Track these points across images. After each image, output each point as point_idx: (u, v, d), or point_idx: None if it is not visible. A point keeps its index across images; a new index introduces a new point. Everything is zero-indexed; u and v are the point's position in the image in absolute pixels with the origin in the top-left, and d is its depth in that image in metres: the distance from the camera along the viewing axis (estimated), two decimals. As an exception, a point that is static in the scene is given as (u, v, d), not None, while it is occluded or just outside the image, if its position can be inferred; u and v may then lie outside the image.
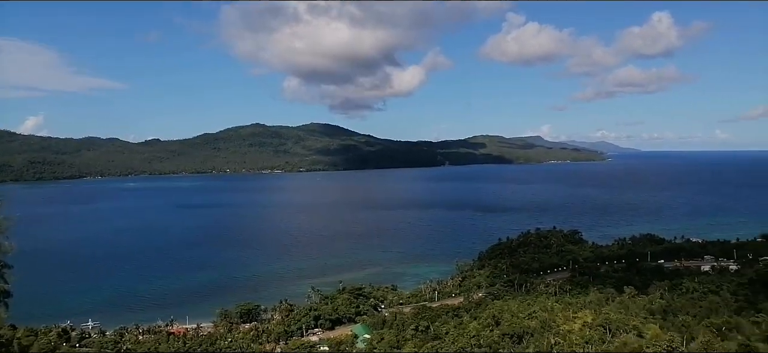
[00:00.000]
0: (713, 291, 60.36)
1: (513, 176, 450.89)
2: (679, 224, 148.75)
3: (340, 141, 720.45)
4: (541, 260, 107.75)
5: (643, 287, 73.18)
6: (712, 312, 45.95)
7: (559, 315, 51.68)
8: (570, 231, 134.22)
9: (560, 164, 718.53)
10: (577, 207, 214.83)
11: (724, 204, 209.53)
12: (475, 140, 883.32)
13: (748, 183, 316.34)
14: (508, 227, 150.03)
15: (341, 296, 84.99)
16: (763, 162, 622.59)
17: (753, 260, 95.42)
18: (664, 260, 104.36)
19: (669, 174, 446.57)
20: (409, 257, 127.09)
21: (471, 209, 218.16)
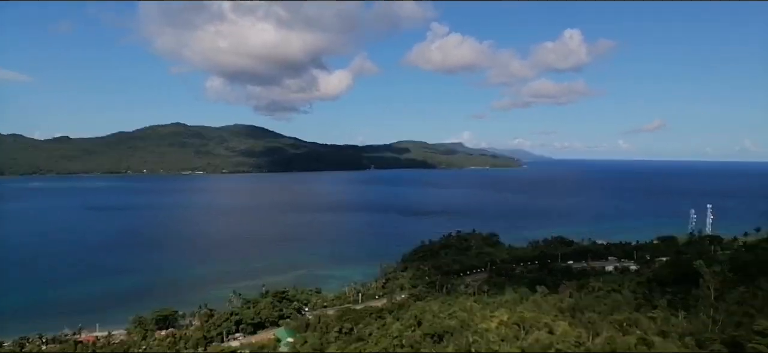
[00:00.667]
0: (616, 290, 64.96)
1: (436, 181, 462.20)
2: (586, 228, 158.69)
3: (266, 143, 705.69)
4: (461, 262, 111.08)
5: (554, 286, 77.30)
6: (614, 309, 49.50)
7: (477, 315, 53.71)
8: (488, 234, 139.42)
9: (480, 169, 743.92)
10: (495, 211, 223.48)
11: (625, 209, 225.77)
12: (400, 145, 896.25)
13: (646, 190, 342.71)
14: (431, 230, 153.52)
15: (264, 300, 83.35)
16: (659, 171, 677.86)
17: (650, 260, 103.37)
18: (573, 261, 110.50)
19: (577, 181, 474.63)
20: (333, 260, 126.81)
21: (395, 212, 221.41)
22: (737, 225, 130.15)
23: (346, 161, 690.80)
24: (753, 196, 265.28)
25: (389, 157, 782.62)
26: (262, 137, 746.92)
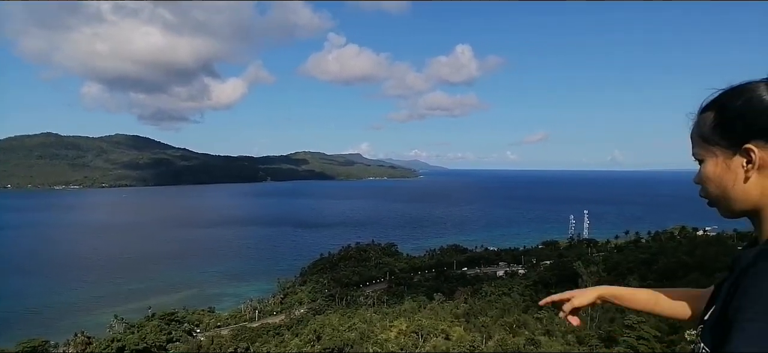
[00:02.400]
0: (506, 293, 68.29)
1: (334, 192, 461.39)
2: (479, 235, 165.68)
3: (151, 154, 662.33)
4: (360, 273, 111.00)
5: (450, 293, 79.34)
6: (505, 312, 51.88)
7: (377, 325, 53.77)
8: (387, 244, 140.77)
9: (378, 180, 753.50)
10: (393, 221, 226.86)
11: (514, 216, 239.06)
12: (297, 155, 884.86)
13: (531, 198, 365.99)
14: (330, 241, 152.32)
15: (150, 323, 77.28)
16: (542, 180, 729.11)
17: (536, 264, 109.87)
18: (467, 268, 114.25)
19: (471, 190, 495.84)
20: (227, 277, 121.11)
21: (293, 225, 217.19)
22: (610, 229, 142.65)
23: (241, 173, 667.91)
24: (623, 202, 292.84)
25: (287, 168, 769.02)
26: (147, 147, 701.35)
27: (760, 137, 1.16)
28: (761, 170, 1.18)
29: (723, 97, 1.24)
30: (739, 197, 1.23)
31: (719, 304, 1.18)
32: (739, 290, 1.07)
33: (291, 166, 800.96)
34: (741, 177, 1.21)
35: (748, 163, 1.19)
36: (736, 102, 1.19)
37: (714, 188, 1.27)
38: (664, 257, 69.75)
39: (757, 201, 1.21)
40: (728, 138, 1.21)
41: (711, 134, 1.24)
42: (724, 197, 1.26)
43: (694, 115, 1.32)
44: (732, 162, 1.21)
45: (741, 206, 1.24)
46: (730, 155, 1.21)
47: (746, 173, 1.20)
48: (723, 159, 1.23)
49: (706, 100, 1.29)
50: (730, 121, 1.20)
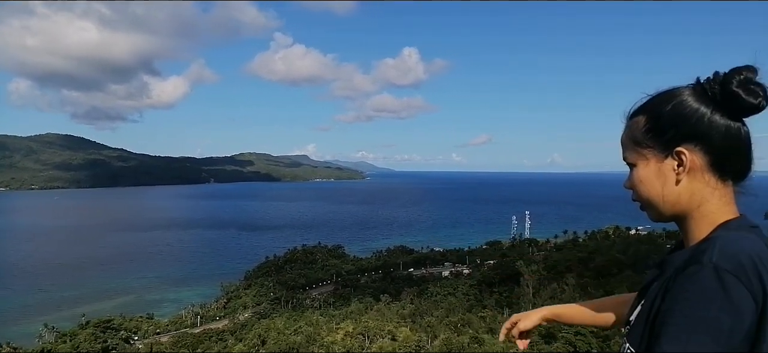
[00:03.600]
0: (451, 293, 69.40)
1: (280, 194, 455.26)
2: (425, 236, 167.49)
3: (86, 155, 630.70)
4: (307, 275, 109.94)
5: (397, 294, 79.78)
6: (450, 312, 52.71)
7: (323, 328, 53.42)
8: (334, 246, 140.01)
9: (325, 182, 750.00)
10: (340, 223, 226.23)
11: (459, 217, 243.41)
12: (243, 157, 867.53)
13: (476, 199, 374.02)
14: (276, 244, 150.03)
15: (84, 331, 73.51)
16: (486, 182, 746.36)
17: (480, 264, 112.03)
18: (413, 269, 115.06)
19: (417, 192, 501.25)
20: (167, 282, 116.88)
21: (237, 227, 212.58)
22: (550, 229, 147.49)
23: (183, 175, 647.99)
24: (561, 203, 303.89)
25: (231, 170, 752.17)
26: (81, 148, 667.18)
27: (689, 140, 1.18)
28: (691, 174, 1.20)
29: (653, 102, 1.26)
30: (669, 201, 1.24)
31: (647, 305, 1.19)
32: (669, 293, 1.09)
33: (236, 167, 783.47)
34: (672, 180, 1.22)
35: (679, 166, 1.20)
36: (667, 107, 1.21)
37: (645, 192, 1.28)
38: (600, 255, 72.90)
39: (686, 205, 1.23)
40: (660, 142, 1.22)
41: (643, 138, 1.25)
42: (656, 201, 1.27)
43: (625, 118, 1.34)
44: (663, 165, 1.23)
45: (671, 210, 1.26)
46: (662, 158, 1.23)
47: (677, 176, 1.21)
48: (654, 163, 1.25)
49: (634, 105, 1.31)
50: (662, 125, 1.21)
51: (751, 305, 0.98)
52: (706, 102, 1.16)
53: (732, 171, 1.21)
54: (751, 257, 1.03)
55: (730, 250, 1.05)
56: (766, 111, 1.13)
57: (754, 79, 1.13)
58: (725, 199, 1.21)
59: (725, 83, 1.14)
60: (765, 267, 1.03)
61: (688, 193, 1.21)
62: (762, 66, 1.14)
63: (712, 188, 1.20)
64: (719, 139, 1.15)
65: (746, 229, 1.16)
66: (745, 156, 1.20)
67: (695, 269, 1.04)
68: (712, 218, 1.20)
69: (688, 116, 1.17)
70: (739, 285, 0.99)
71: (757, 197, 1.24)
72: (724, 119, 1.15)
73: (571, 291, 50.01)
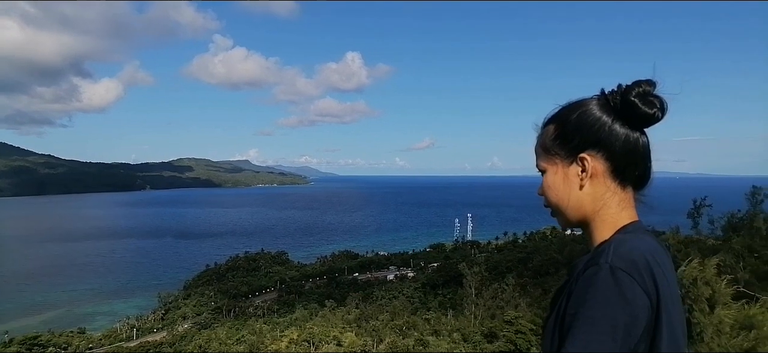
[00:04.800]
0: (396, 297, 70.03)
1: (221, 200, 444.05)
2: (370, 240, 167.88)
3: (8, 161, 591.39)
4: (250, 283, 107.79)
5: (342, 299, 79.53)
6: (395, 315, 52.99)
7: (267, 336, 52.37)
8: (277, 252, 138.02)
9: (268, 187, 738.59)
10: (283, 229, 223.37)
11: (403, 221, 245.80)
12: (181, 162, 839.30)
13: (419, 203, 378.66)
14: (217, 252, 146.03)
15: (7, 350, 68.83)
16: (430, 185, 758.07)
17: (424, 267, 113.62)
18: (358, 274, 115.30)
19: (361, 196, 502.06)
20: (100, 295, 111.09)
21: (175, 236, 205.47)
22: (491, 231, 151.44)
23: (117, 182, 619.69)
24: (502, 205, 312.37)
25: (169, 176, 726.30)
26: (3, 154, 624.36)
27: (592, 147, 1.25)
28: (593, 179, 1.27)
29: (562, 111, 1.33)
30: (574, 206, 1.30)
31: (555, 310, 1.24)
32: (572, 296, 1.13)
33: (174, 173, 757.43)
34: (577, 185, 1.29)
35: (583, 171, 1.27)
36: (573, 116, 1.28)
37: (554, 197, 1.34)
38: (538, 255, 75.65)
39: (589, 210, 1.29)
40: (566, 148, 1.30)
41: (552, 145, 1.33)
42: (563, 206, 1.33)
43: (538, 128, 1.41)
44: (569, 171, 1.30)
45: (576, 214, 1.31)
46: (568, 164, 1.30)
47: (581, 181, 1.28)
48: (562, 169, 1.31)
49: (548, 114, 1.38)
50: (568, 133, 1.28)
51: (645, 302, 1.04)
52: (609, 112, 1.24)
53: (632, 178, 1.27)
54: (644, 257, 1.09)
55: (624, 250, 1.11)
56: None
57: (651, 91, 1.21)
58: (624, 204, 1.27)
59: (625, 94, 1.22)
60: (658, 265, 1.10)
61: (591, 198, 1.28)
62: (662, 80, 1.21)
63: (612, 193, 1.27)
64: (619, 146, 1.23)
65: (642, 231, 1.23)
66: (644, 164, 1.27)
67: (593, 271, 1.10)
68: (612, 222, 1.26)
69: (591, 124, 1.24)
70: (633, 283, 1.04)
71: (653, 208, 1.30)
72: (624, 129, 1.23)
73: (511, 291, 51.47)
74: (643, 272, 1.06)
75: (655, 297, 1.05)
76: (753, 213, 30.76)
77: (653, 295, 1.05)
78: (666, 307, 1.07)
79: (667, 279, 1.11)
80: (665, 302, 1.07)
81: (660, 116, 1.21)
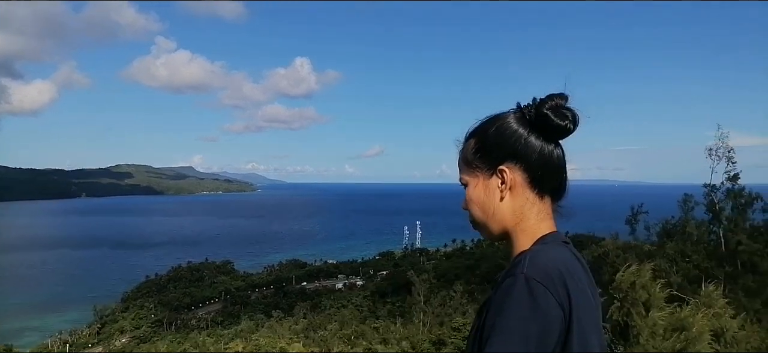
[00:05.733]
0: (344, 306, 69.71)
1: (163, 208, 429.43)
2: (318, 249, 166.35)
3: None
4: (192, 294, 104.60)
5: (290, 309, 78.56)
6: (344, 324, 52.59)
7: (211, 349, 50.73)
8: (222, 262, 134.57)
9: (213, 194, 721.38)
10: (229, 237, 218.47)
11: (352, 229, 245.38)
12: (120, 169, 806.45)
13: (369, 210, 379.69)
14: (157, 262, 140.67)
15: None
16: (379, 193, 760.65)
17: (373, 275, 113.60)
18: (306, 283, 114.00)
19: (310, 204, 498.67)
20: (30, 308, 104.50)
21: (112, 245, 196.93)
22: (440, 238, 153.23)
23: (49, 189, 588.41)
24: (450, 213, 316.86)
25: (107, 183, 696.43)
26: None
27: (510, 159, 1.28)
28: (513, 191, 1.30)
29: (482, 125, 1.37)
30: (496, 218, 1.33)
31: (479, 321, 1.27)
32: (491, 306, 1.16)
33: (112, 180, 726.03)
34: (497, 197, 1.31)
35: (502, 183, 1.30)
36: (491, 129, 1.32)
37: (477, 210, 1.36)
38: (486, 262, 77.09)
39: (510, 221, 1.32)
40: (487, 161, 1.32)
41: (473, 158, 1.35)
42: (485, 218, 1.35)
43: (460, 142, 1.43)
44: (490, 183, 1.32)
45: (498, 226, 1.34)
46: (488, 177, 1.33)
47: (501, 193, 1.30)
48: (483, 182, 1.34)
49: (469, 129, 1.41)
50: (488, 146, 1.32)
51: (558, 312, 1.07)
52: (525, 125, 1.29)
53: (549, 189, 1.32)
54: (558, 268, 1.12)
55: (539, 261, 1.14)
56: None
57: (564, 105, 1.26)
58: (542, 215, 1.31)
59: (539, 107, 1.27)
60: (571, 276, 1.14)
61: (511, 209, 1.31)
62: (573, 93, 1.26)
63: (531, 203, 1.30)
64: (535, 158, 1.27)
65: (559, 242, 1.27)
66: (559, 175, 1.32)
67: (510, 281, 1.13)
68: (531, 233, 1.30)
69: (509, 136, 1.28)
70: (546, 293, 1.07)
71: (575, 215, 1.35)
72: (539, 141, 1.27)
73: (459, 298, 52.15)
74: (557, 282, 1.09)
75: (568, 307, 1.08)
76: (685, 220, 32.50)
77: (566, 305, 1.08)
78: (578, 316, 1.09)
79: (580, 289, 1.14)
80: (577, 311, 1.09)
81: (572, 128, 1.26)
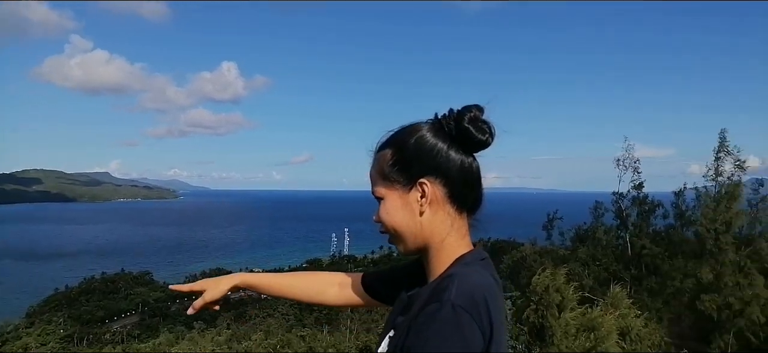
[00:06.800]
0: (270, 315, 68.14)
1: (75, 216, 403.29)
2: (244, 257, 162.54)
3: None
4: (107, 307, 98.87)
5: (212, 320, 75.77)
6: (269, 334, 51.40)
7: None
8: (140, 272, 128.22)
9: (131, 202, 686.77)
10: (148, 246, 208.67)
11: (279, 236, 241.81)
12: (27, 174, 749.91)
13: (297, 217, 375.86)
14: (68, 274, 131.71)
15: None
16: (308, 200, 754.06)
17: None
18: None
19: (236, 211, 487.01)
20: None
21: (16, 257, 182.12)
22: (368, 245, 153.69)
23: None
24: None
25: (11, 189, 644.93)
26: None
27: (430, 173, 1.24)
28: (433, 205, 1.26)
29: (398, 136, 1.32)
30: (415, 232, 1.30)
31: (396, 339, 1.23)
32: (413, 330, 1.12)
33: (17, 186, 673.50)
34: (416, 212, 1.27)
35: (422, 197, 1.26)
36: (410, 141, 1.27)
37: (394, 224, 1.33)
38: (412, 268, 78.12)
39: (428, 236, 1.29)
40: (405, 175, 1.28)
41: (390, 171, 1.31)
42: (403, 232, 1.32)
43: (372, 153, 1.40)
44: (408, 197, 1.28)
45: (416, 241, 1.32)
46: (407, 190, 1.28)
47: (421, 207, 1.26)
48: (400, 195, 1.30)
49: (381, 139, 1.37)
50: (407, 159, 1.27)
51: (480, 340, 1.06)
52: (444, 137, 1.25)
53: (467, 203, 1.29)
54: (482, 294, 1.11)
55: (465, 288, 1.11)
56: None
57: (481, 117, 1.23)
58: (462, 231, 1.29)
59: (458, 120, 1.23)
60: (494, 300, 1.13)
61: (430, 224, 1.28)
62: (489, 103, 1.24)
63: (451, 218, 1.27)
64: (455, 172, 1.24)
65: (478, 262, 1.25)
66: (477, 189, 1.30)
67: (436, 307, 1.09)
68: (451, 251, 1.27)
69: (430, 149, 1.24)
70: (472, 322, 1.05)
71: (487, 226, 1.31)
72: (458, 154, 1.24)
73: (386, 304, 52.75)
74: (481, 309, 1.08)
75: (489, 333, 1.08)
76: (596, 226, 34.63)
77: (487, 332, 1.07)
78: (496, 338, 1.09)
79: (498, 308, 1.14)
80: (497, 334, 1.09)
81: (490, 142, 1.24)
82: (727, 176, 25.26)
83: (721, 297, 22.36)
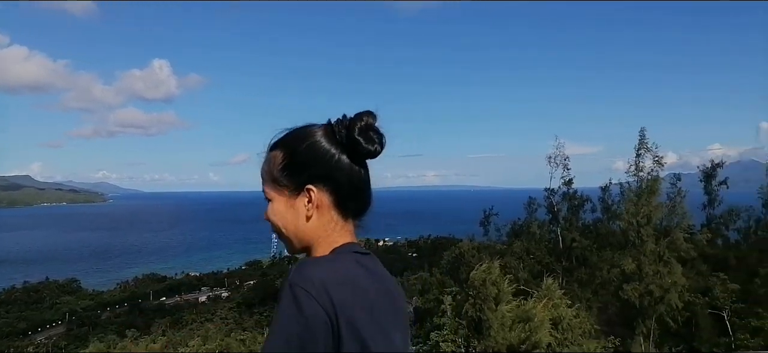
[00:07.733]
0: (209, 319, 66.58)
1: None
2: (179, 261, 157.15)
3: None
4: (30, 318, 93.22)
5: (146, 327, 73.26)
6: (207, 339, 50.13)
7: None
8: (67, 280, 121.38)
9: (55, 206, 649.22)
10: (74, 253, 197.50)
11: (216, 238, 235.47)
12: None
13: (235, 219, 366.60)
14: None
15: None
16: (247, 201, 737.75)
17: (240, 285, 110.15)
18: (166, 298, 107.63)
19: (170, 214, 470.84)
20: None
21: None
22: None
23: None
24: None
25: None
26: None
27: (319, 180, 1.28)
28: (319, 210, 1.30)
29: (290, 138, 1.34)
30: (299, 235, 1.34)
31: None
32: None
33: None
34: (303, 216, 1.31)
35: (309, 202, 1.29)
36: (302, 145, 1.30)
37: (280, 225, 1.37)
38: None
39: (312, 238, 1.33)
40: (294, 180, 1.31)
41: (280, 175, 1.33)
42: (288, 234, 1.37)
43: (263, 153, 1.41)
44: (296, 202, 1.31)
45: (300, 243, 1.36)
46: (295, 195, 1.31)
47: (307, 212, 1.30)
48: (288, 198, 1.33)
49: (273, 139, 1.38)
50: (297, 164, 1.30)
51: (323, 316, 1.10)
52: (335, 144, 1.28)
53: (353, 209, 1.33)
54: (321, 277, 1.15)
55: (305, 270, 1.17)
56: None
57: (373, 125, 1.26)
58: (344, 233, 1.33)
59: (350, 129, 1.26)
60: (344, 284, 1.16)
61: (315, 229, 1.32)
62: (380, 109, 1.27)
63: (335, 223, 1.31)
64: (344, 180, 1.28)
65: (349, 254, 1.29)
66: (364, 196, 1.34)
67: (281, 288, 1.18)
68: (329, 248, 1.32)
69: (321, 156, 1.27)
70: (309, 298, 1.11)
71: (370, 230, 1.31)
72: (348, 162, 1.28)
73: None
74: (319, 288, 1.11)
75: (334, 314, 1.11)
76: (529, 221, 36.02)
77: (331, 311, 1.10)
78: (352, 324, 1.12)
79: (356, 294, 1.17)
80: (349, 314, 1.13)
81: (379, 151, 1.27)
82: (647, 172, 26.97)
83: (642, 285, 23.92)
